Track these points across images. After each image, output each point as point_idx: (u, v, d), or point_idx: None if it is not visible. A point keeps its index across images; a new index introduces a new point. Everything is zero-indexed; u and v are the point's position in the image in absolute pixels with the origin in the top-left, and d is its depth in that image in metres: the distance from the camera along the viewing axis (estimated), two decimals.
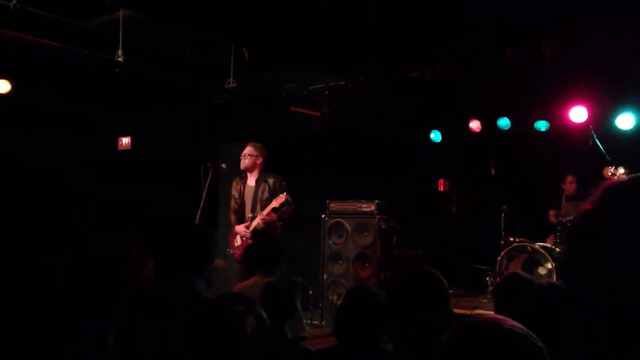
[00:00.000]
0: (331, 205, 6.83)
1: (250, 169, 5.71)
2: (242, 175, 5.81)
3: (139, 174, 8.53)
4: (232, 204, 5.82)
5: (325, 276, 6.69)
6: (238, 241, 5.69)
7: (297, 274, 6.46)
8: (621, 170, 6.52)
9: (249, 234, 5.57)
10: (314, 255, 6.89)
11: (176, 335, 2.66)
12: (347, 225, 6.60)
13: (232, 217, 5.80)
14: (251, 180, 5.74)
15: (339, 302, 6.27)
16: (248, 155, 5.69)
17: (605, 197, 0.84)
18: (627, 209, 0.80)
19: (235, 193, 5.78)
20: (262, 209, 5.58)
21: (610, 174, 6.51)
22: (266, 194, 5.60)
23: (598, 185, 0.87)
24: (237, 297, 2.30)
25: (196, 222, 5.25)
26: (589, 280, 0.81)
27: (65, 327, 2.13)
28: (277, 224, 5.63)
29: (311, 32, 5.52)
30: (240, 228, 5.65)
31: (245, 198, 5.72)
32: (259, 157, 5.70)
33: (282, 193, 5.54)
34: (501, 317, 1.07)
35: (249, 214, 5.66)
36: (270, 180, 5.64)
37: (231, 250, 5.75)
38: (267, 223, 5.54)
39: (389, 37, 5.69)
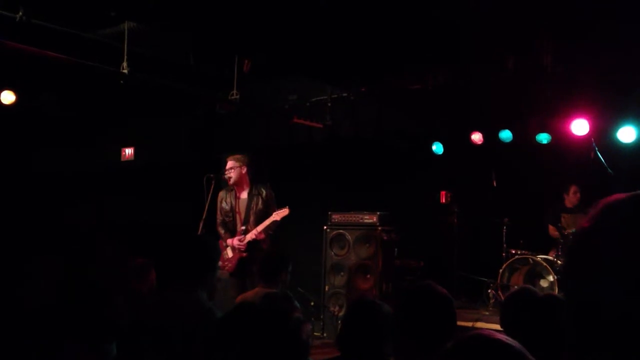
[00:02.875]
0: (333, 216, 6.83)
1: (239, 181, 5.65)
2: (230, 188, 5.73)
3: (141, 182, 8.55)
4: (221, 216, 5.72)
5: (326, 287, 6.68)
6: (229, 254, 5.61)
7: (299, 285, 6.50)
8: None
9: (243, 247, 5.53)
10: (315, 266, 6.88)
11: (178, 343, 2.67)
12: (349, 236, 6.59)
13: (221, 230, 5.70)
14: (243, 193, 5.69)
15: (340, 314, 6.27)
16: (232, 169, 5.62)
17: (602, 214, 0.85)
18: (622, 227, 0.82)
19: (225, 206, 5.69)
20: (256, 220, 5.56)
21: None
22: (259, 206, 5.60)
23: (597, 202, 0.88)
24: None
25: (198, 232, 5.24)
26: (586, 295, 0.83)
27: (65, 336, 2.14)
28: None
29: (312, 43, 5.56)
30: (233, 241, 5.59)
31: (237, 211, 5.67)
32: (243, 167, 5.65)
33: (274, 204, 5.57)
34: (498, 333, 1.10)
35: (241, 227, 5.62)
36: (263, 192, 5.64)
37: (220, 263, 5.69)
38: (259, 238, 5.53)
39: (389, 49, 5.73)
